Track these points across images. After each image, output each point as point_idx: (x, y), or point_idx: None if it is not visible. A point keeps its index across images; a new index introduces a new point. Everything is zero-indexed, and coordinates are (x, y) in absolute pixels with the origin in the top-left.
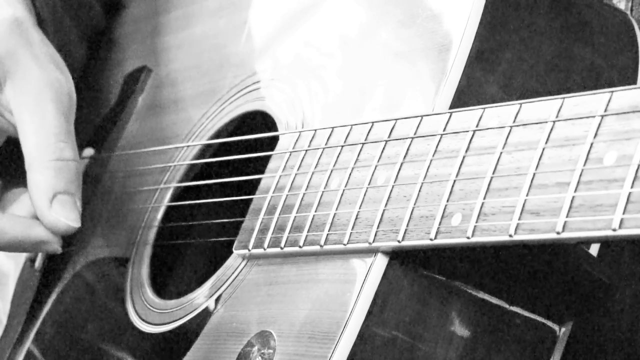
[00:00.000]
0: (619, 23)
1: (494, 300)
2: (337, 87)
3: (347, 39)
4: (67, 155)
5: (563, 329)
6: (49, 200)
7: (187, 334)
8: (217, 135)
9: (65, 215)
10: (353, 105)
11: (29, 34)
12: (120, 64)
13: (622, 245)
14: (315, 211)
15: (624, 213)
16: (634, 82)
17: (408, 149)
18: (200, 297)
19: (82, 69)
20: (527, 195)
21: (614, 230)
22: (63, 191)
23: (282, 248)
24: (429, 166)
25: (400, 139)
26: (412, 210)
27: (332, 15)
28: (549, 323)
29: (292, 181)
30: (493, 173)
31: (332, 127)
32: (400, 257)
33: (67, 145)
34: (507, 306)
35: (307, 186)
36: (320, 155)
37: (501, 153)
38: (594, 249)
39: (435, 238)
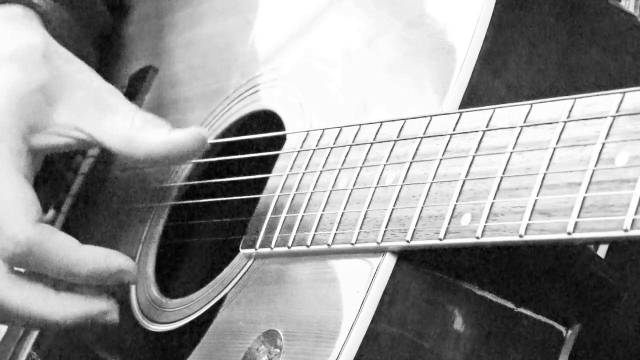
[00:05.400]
0: (627, 25)
1: (502, 302)
2: (345, 88)
3: (356, 39)
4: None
5: (570, 331)
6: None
7: (192, 333)
8: (224, 134)
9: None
10: (362, 105)
11: (59, 53)
12: (126, 63)
13: (631, 246)
14: (323, 210)
15: (635, 214)
16: None
17: (417, 149)
18: (206, 296)
19: None
20: (537, 195)
21: (626, 230)
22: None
23: (289, 247)
24: (438, 166)
25: (409, 139)
26: (421, 210)
27: (341, 15)
28: (556, 325)
29: (300, 180)
30: (503, 173)
31: (341, 127)
32: (408, 257)
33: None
34: (514, 307)
35: (315, 185)
36: (329, 155)
37: (511, 153)
38: (601, 251)
39: (445, 238)
